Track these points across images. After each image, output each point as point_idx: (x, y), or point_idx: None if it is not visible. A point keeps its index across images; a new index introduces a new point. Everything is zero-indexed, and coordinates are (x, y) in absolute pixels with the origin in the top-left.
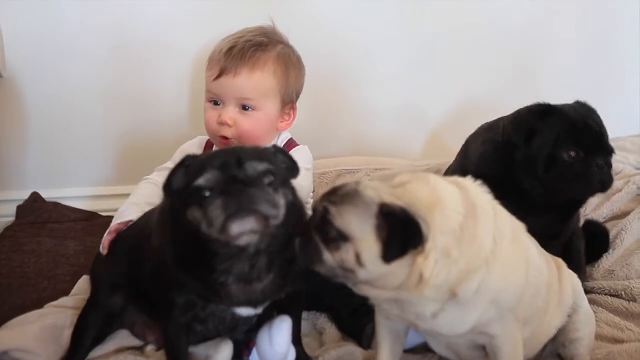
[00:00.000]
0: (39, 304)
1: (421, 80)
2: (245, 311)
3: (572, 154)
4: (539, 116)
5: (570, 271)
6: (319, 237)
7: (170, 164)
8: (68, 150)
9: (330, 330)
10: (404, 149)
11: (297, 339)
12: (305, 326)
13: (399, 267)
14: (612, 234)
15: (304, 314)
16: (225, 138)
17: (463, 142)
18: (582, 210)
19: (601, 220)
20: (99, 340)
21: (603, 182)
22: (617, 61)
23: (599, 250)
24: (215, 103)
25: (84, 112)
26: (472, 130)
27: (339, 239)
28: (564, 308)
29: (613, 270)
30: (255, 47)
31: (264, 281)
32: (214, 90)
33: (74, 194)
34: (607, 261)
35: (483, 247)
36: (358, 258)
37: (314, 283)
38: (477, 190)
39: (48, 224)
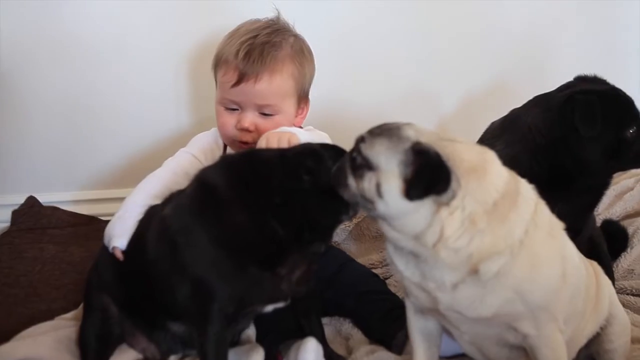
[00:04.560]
0: (49, 315)
1: (432, 67)
2: (271, 307)
3: (632, 130)
4: (602, 101)
5: (607, 278)
6: (348, 162)
7: (186, 152)
8: (65, 152)
9: (357, 336)
10: None
11: (323, 340)
12: (329, 332)
13: (419, 211)
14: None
15: (326, 319)
16: (246, 143)
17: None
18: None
19: (614, 219)
20: (106, 344)
21: None
22: (622, 56)
23: (617, 249)
24: (232, 108)
25: (80, 113)
26: (481, 120)
27: (364, 166)
28: (598, 317)
29: (633, 269)
30: (273, 49)
31: (299, 271)
32: (231, 97)
33: (71, 198)
34: (625, 260)
35: (511, 233)
36: (378, 188)
37: (336, 289)
38: (527, 185)
39: (48, 230)
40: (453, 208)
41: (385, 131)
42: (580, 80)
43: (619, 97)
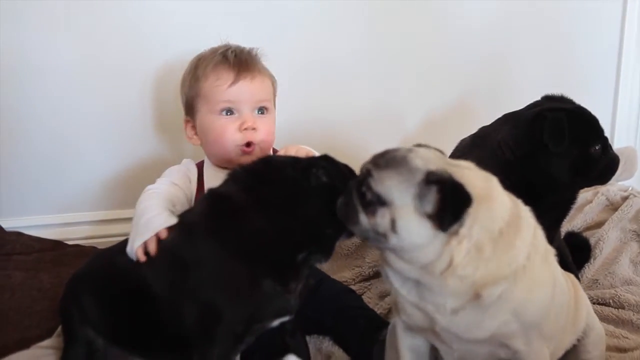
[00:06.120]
0: (23, 345)
1: (394, 87)
2: (278, 322)
3: (597, 147)
4: (569, 119)
5: (584, 292)
6: (357, 197)
7: (164, 181)
8: (26, 175)
9: (338, 354)
10: None
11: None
12: (310, 350)
13: (433, 243)
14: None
15: (306, 338)
16: (249, 145)
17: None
18: None
19: (575, 231)
20: None
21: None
22: (586, 69)
23: (581, 260)
24: (229, 112)
25: (45, 136)
26: (442, 139)
27: (376, 202)
28: (576, 329)
29: (597, 280)
30: (253, 56)
31: (301, 284)
32: (229, 97)
33: (36, 223)
34: (589, 271)
35: (515, 259)
36: (393, 224)
37: (315, 306)
38: (525, 208)
39: (13, 256)
40: (461, 237)
41: (391, 162)
42: (548, 99)
43: (585, 116)
